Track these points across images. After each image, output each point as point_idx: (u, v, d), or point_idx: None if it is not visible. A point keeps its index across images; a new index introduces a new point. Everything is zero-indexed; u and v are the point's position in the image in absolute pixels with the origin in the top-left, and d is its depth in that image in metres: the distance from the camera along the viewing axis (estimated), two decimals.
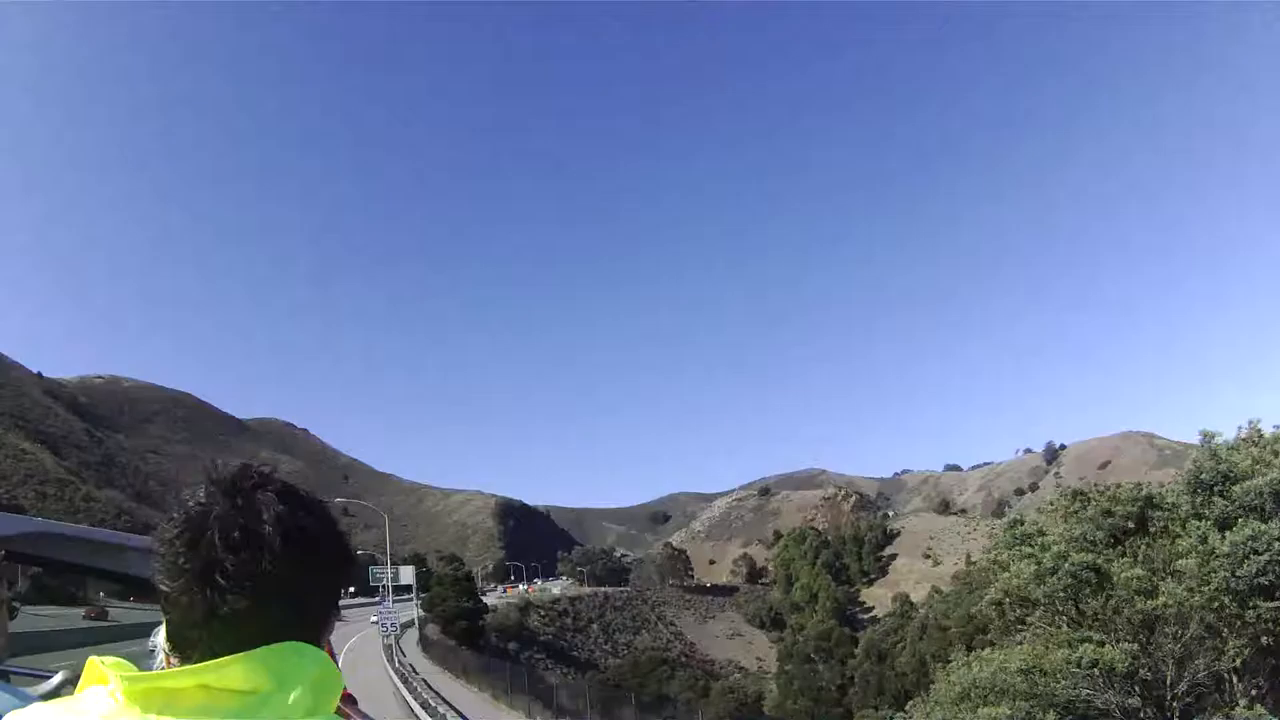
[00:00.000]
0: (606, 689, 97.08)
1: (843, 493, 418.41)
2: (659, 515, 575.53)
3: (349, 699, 2.40)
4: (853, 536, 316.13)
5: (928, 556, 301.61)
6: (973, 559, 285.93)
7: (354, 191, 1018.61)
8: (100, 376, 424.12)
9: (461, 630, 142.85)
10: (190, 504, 2.19)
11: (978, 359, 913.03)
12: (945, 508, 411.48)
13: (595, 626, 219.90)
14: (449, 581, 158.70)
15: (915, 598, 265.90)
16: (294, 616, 2.18)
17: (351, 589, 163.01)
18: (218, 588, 2.07)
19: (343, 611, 2.54)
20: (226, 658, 2.01)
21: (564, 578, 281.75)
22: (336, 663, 1.66)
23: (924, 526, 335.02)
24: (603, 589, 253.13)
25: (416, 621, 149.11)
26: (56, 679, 4.22)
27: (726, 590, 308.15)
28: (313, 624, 2.25)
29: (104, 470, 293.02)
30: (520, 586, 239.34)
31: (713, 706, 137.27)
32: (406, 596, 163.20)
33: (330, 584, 2.30)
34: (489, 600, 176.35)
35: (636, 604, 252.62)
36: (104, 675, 2.10)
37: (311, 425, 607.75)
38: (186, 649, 2.11)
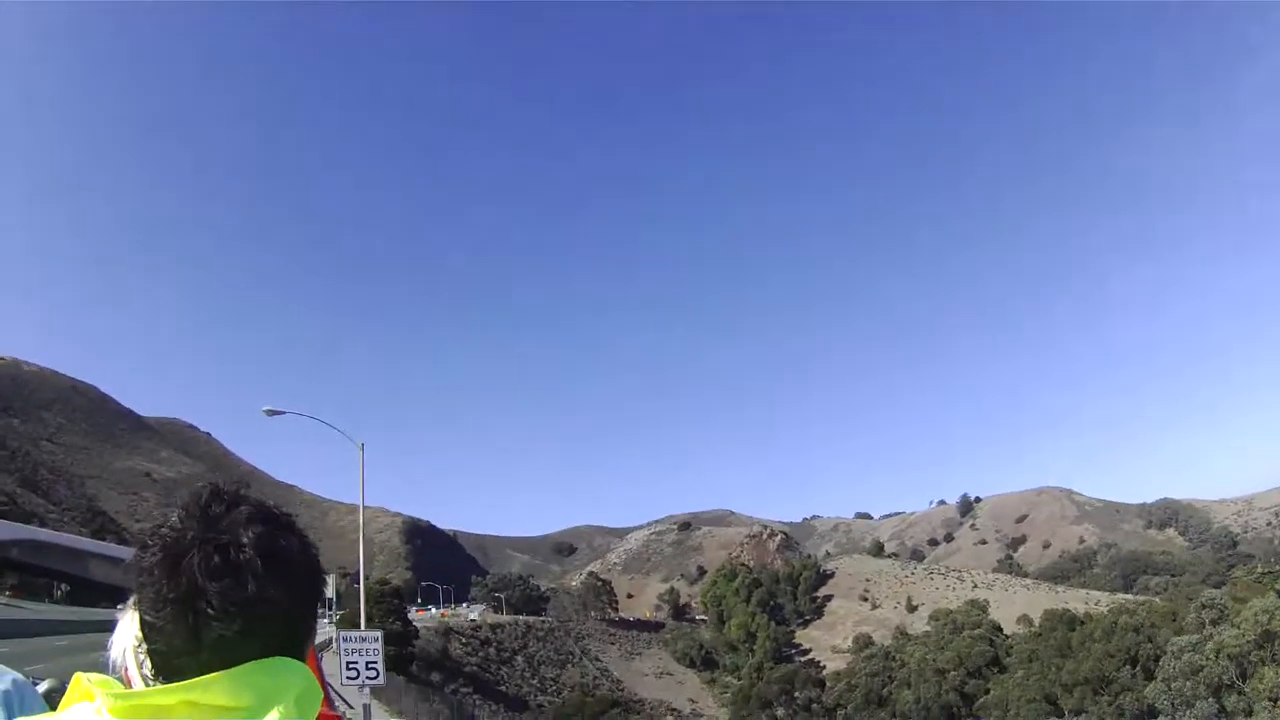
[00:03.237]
0: None
1: (767, 531, 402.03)
2: (564, 546, 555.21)
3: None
4: (787, 576, 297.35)
5: (865, 599, 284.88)
6: (916, 603, 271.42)
7: (270, 194, 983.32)
8: (2, 358, 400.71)
9: (389, 658, 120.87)
10: (166, 531, 2.17)
11: (887, 410, 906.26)
12: (880, 550, 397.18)
13: (520, 658, 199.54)
14: (374, 598, 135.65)
15: (851, 642, 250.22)
16: (278, 637, 2.18)
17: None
18: (202, 615, 2.06)
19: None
20: (212, 675, 2.01)
21: (479, 603, 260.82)
22: (322, 674, 2.14)
23: (858, 569, 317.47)
24: (523, 618, 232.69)
25: (334, 641, 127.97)
26: (42, 687, 4.42)
27: (652, 626, 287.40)
28: (297, 641, 2.25)
29: None
30: (432, 610, 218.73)
31: None
32: (327, 614, 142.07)
33: (310, 600, 2.30)
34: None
35: (559, 635, 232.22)
36: (89, 692, 2.08)
37: (215, 429, 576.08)
38: (174, 674, 2.08)
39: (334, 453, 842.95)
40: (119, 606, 1.58)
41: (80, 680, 2.10)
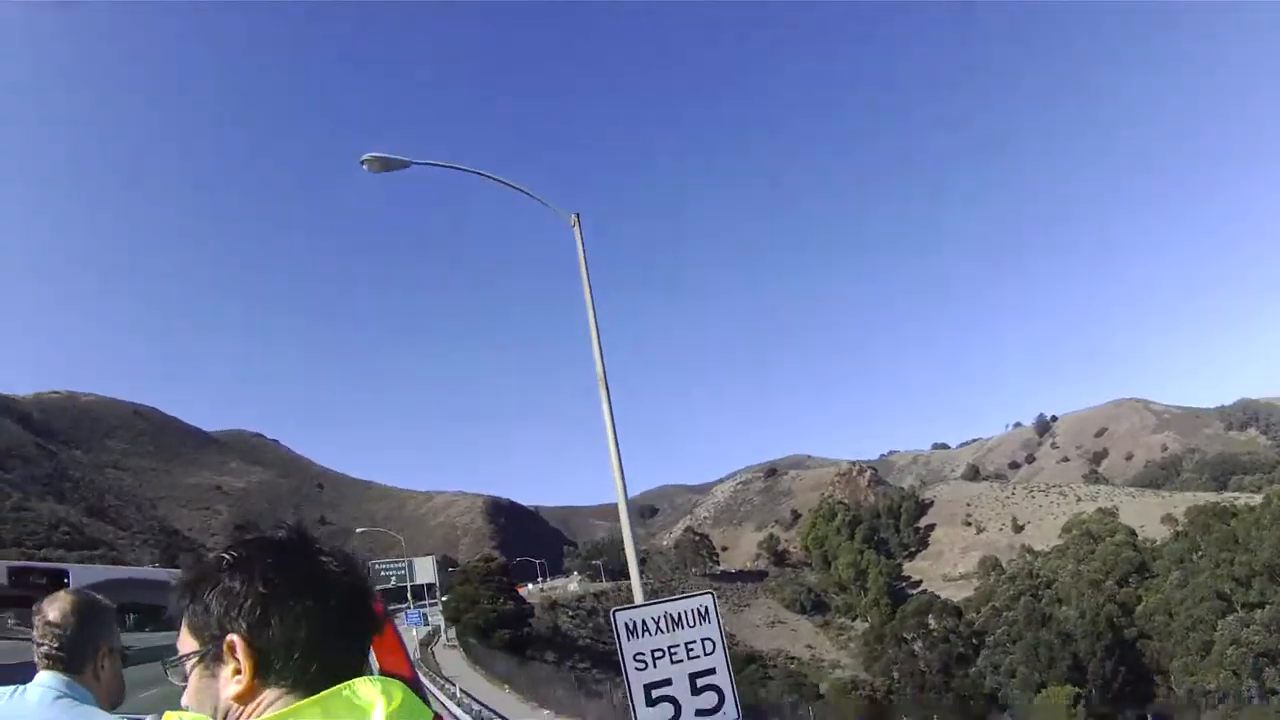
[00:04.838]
0: None
1: (856, 467, 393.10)
2: (647, 509, 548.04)
3: None
4: (887, 509, 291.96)
5: (968, 524, 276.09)
6: (1021, 523, 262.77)
7: (318, 192, 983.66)
8: (57, 392, 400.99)
9: (504, 641, 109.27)
10: (336, 569, 2.31)
11: (954, 336, 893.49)
12: (975, 474, 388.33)
13: None
14: (479, 577, 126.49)
15: (962, 568, 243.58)
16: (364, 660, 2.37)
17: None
18: (355, 636, 2.29)
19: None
20: (303, 703, 2.06)
21: (573, 574, 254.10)
22: (420, 684, 2.76)
23: (957, 494, 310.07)
24: (625, 583, 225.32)
25: (443, 632, 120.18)
26: None
27: (755, 575, 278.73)
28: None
29: (54, 484, 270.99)
30: (530, 586, 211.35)
31: (833, 709, 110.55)
32: (431, 601, 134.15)
33: None
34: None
35: (663, 596, 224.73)
36: None
37: (282, 436, 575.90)
38: (308, 685, 2.13)
39: (402, 444, 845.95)
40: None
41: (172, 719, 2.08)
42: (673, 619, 12.46)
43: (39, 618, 4.30)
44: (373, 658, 3.08)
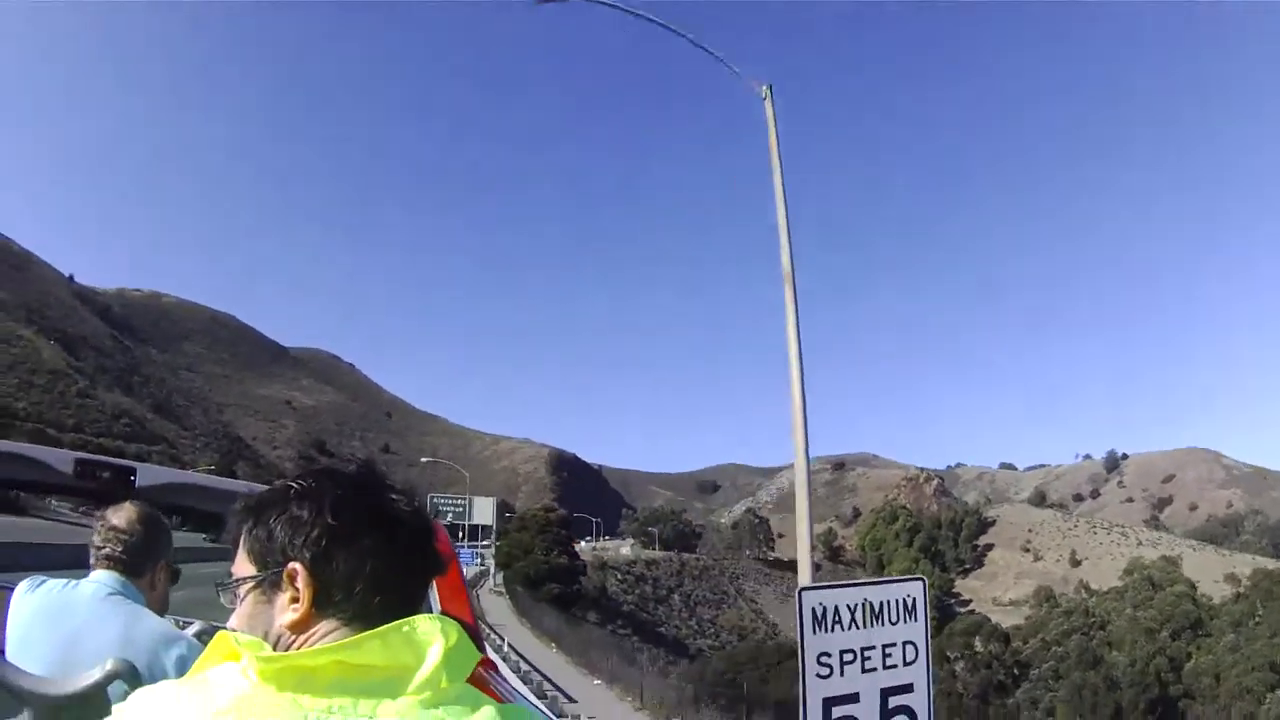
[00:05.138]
0: (726, 686, 70.55)
1: (924, 475, 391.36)
2: (707, 484, 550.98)
3: (488, 664, 2.32)
4: (949, 522, 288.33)
5: (1026, 550, 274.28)
6: (1079, 557, 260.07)
7: (409, 115, 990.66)
8: (139, 290, 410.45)
9: (552, 595, 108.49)
10: (405, 509, 2.30)
11: (1033, 358, 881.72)
12: (1042, 500, 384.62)
13: (676, 597, 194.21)
14: (537, 526, 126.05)
15: (1014, 594, 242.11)
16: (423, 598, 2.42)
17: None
18: (417, 575, 2.28)
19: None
20: (363, 634, 2.05)
21: (627, 538, 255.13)
22: (479, 631, 2.69)
23: (1021, 518, 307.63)
24: (679, 554, 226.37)
25: (491, 576, 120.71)
26: (193, 629, 5.13)
27: None
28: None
29: (123, 376, 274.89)
30: (582, 543, 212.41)
31: None
32: (484, 543, 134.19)
33: None
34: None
35: (714, 574, 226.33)
36: (235, 651, 2.09)
37: (357, 361, 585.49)
38: (366, 619, 2.13)
39: (470, 383, 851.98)
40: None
41: (226, 638, 2.12)
42: (872, 610, 9.01)
43: (103, 523, 4.40)
44: (434, 598, 3.15)
